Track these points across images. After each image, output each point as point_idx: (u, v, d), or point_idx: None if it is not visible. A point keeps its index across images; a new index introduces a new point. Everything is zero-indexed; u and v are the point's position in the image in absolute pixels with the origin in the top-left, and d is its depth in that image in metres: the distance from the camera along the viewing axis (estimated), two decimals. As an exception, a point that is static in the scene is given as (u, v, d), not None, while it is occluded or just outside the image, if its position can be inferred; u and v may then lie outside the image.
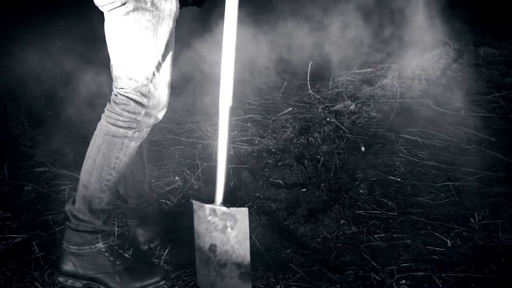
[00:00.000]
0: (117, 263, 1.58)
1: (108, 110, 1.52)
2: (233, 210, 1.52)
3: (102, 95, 3.52)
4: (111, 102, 1.51)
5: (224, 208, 1.52)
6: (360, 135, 2.88)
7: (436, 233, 1.87)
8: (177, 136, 2.90)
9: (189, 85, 3.86)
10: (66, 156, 2.58)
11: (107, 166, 1.50)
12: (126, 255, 1.64)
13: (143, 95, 1.46)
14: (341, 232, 1.92)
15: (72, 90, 3.54)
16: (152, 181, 2.20)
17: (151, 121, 1.52)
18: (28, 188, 2.24)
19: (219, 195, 1.54)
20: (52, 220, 1.99)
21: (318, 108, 3.36)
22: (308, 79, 3.51)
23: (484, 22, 5.88)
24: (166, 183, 2.33)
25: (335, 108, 3.38)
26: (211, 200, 1.55)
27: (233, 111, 1.80)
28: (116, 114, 1.49)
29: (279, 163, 2.52)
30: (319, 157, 2.57)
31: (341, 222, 1.97)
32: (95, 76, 3.59)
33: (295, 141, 2.83)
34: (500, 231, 1.84)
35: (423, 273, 1.65)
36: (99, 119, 1.55)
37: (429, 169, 2.42)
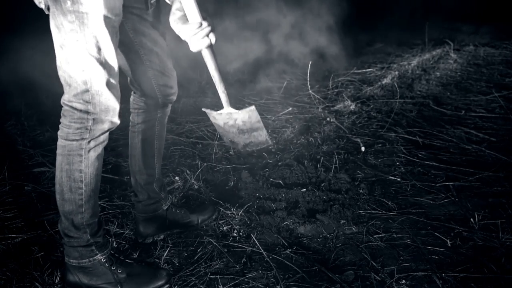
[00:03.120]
0: (119, 271, 1.57)
1: (60, 125, 1.47)
2: (244, 109, 1.78)
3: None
4: (61, 116, 1.46)
5: (235, 110, 1.77)
6: (360, 135, 2.88)
7: (436, 233, 1.88)
8: (177, 136, 2.90)
9: (189, 85, 3.87)
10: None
11: (73, 181, 1.47)
12: (128, 261, 1.63)
13: (87, 101, 1.39)
14: (341, 232, 1.92)
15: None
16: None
17: (105, 126, 1.45)
18: (28, 188, 2.24)
19: (226, 102, 1.75)
20: (52, 220, 1.99)
21: (318, 108, 3.36)
22: (308, 79, 3.51)
23: (484, 22, 5.88)
24: (166, 183, 2.33)
25: (335, 108, 3.39)
26: (220, 107, 1.78)
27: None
28: (66, 127, 1.44)
29: (279, 163, 2.52)
30: (319, 157, 2.57)
31: (341, 222, 1.97)
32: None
33: (295, 141, 2.83)
34: (500, 231, 1.84)
35: (423, 273, 1.65)
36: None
37: (429, 169, 2.42)
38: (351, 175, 2.37)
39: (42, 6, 1.38)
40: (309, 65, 3.47)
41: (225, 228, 1.95)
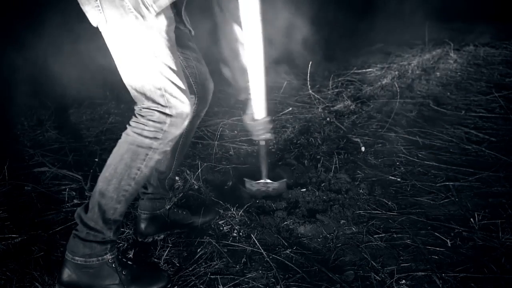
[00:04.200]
0: (124, 273, 1.55)
1: (133, 121, 1.50)
2: (279, 181, 2.21)
3: (102, 95, 3.53)
4: (136, 114, 1.49)
5: (270, 181, 2.20)
6: (360, 135, 2.88)
7: (436, 233, 1.87)
8: (177, 136, 2.90)
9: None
10: (66, 156, 2.58)
11: (127, 176, 1.47)
12: (130, 263, 1.62)
13: (164, 105, 1.45)
14: (341, 232, 1.91)
15: (73, 90, 3.55)
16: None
17: (178, 132, 1.49)
18: (28, 188, 2.24)
19: (265, 174, 2.19)
20: (52, 220, 1.99)
21: (318, 108, 3.36)
22: (308, 79, 3.51)
23: (484, 22, 5.88)
24: (166, 183, 2.33)
25: (335, 108, 3.39)
26: (256, 178, 2.21)
27: (233, 111, 1.83)
28: (142, 124, 1.46)
29: (279, 163, 2.52)
30: (319, 157, 2.57)
31: (341, 222, 1.97)
32: (95, 76, 3.59)
33: (295, 141, 2.83)
34: (500, 231, 1.84)
35: (423, 273, 1.65)
36: (100, 118, 1.54)
37: (429, 169, 2.42)
38: (351, 175, 2.37)
39: (96, 23, 1.42)
40: (309, 65, 3.47)
41: (225, 228, 1.95)
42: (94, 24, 1.44)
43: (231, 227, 1.95)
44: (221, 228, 1.95)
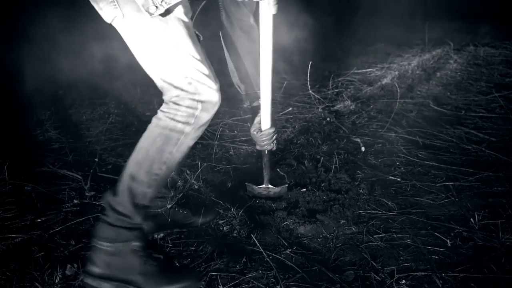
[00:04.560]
0: (151, 263, 1.51)
1: (165, 107, 1.49)
2: (280, 186, 2.21)
3: (102, 95, 3.53)
4: (166, 102, 1.48)
5: (272, 186, 2.20)
6: (360, 135, 2.88)
7: (436, 233, 1.87)
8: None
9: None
10: (66, 156, 2.58)
11: (158, 159, 1.47)
12: (160, 256, 1.58)
13: (194, 93, 1.45)
14: (341, 232, 1.91)
15: (72, 90, 3.55)
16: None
17: (208, 116, 1.49)
18: (28, 188, 2.24)
19: (267, 180, 2.19)
20: (52, 220, 1.99)
21: (318, 108, 3.36)
22: (308, 79, 3.51)
23: (484, 22, 5.88)
24: (168, 182, 2.33)
25: (335, 108, 3.39)
26: (258, 182, 2.21)
27: (233, 111, 1.83)
28: (174, 109, 1.46)
29: (280, 163, 2.52)
30: (319, 157, 2.57)
31: (341, 222, 1.97)
32: (95, 76, 3.58)
33: (295, 141, 2.83)
34: (500, 231, 1.84)
35: (423, 273, 1.65)
36: (100, 118, 1.54)
37: (429, 169, 2.42)
38: (351, 175, 2.37)
39: (111, 19, 1.42)
40: (309, 65, 3.47)
41: (225, 228, 1.95)
42: (108, 20, 1.42)
43: (231, 227, 1.95)
44: (221, 228, 1.95)
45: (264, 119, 1.99)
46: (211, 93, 1.47)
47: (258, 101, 1.98)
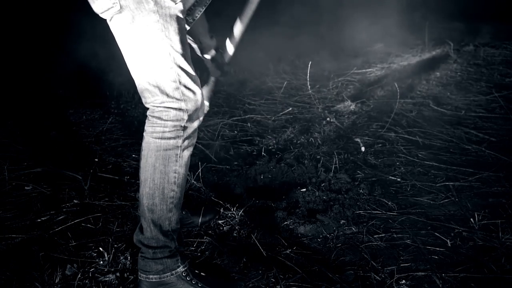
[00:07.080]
0: (200, 285, 1.50)
1: (149, 126, 1.43)
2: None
3: (102, 95, 3.53)
4: (149, 118, 1.43)
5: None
6: (360, 135, 2.88)
7: (436, 233, 1.87)
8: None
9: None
10: (66, 156, 2.58)
11: (167, 183, 1.42)
12: (203, 274, 1.56)
13: (179, 99, 1.39)
14: (341, 232, 1.92)
15: (72, 90, 3.55)
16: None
17: (196, 124, 1.45)
18: (28, 188, 2.24)
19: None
20: (52, 220, 1.99)
21: (318, 108, 3.36)
22: (308, 79, 3.51)
23: (484, 22, 5.88)
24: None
25: (335, 108, 3.39)
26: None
27: (233, 111, 1.82)
28: (160, 126, 1.41)
29: (280, 163, 2.52)
30: (319, 157, 2.57)
31: (341, 222, 1.97)
32: (95, 75, 3.59)
33: (295, 141, 2.83)
34: (500, 231, 1.84)
35: (423, 273, 1.65)
36: (100, 118, 1.53)
37: (429, 169, 2.42)
38: (351, 175, 2.37)
39: (105, 10, 1.36)
40: (309, 65, 3.47)
41: (225, 228, 1.95)
42: (100, 11, 1.36)
43: (231, 227, 1.95)
44: (221, 228, 1.95)
45: (228, 46, 1.91)
46: (195, 99, 1.42)
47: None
